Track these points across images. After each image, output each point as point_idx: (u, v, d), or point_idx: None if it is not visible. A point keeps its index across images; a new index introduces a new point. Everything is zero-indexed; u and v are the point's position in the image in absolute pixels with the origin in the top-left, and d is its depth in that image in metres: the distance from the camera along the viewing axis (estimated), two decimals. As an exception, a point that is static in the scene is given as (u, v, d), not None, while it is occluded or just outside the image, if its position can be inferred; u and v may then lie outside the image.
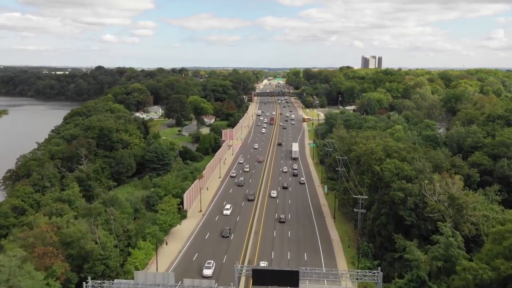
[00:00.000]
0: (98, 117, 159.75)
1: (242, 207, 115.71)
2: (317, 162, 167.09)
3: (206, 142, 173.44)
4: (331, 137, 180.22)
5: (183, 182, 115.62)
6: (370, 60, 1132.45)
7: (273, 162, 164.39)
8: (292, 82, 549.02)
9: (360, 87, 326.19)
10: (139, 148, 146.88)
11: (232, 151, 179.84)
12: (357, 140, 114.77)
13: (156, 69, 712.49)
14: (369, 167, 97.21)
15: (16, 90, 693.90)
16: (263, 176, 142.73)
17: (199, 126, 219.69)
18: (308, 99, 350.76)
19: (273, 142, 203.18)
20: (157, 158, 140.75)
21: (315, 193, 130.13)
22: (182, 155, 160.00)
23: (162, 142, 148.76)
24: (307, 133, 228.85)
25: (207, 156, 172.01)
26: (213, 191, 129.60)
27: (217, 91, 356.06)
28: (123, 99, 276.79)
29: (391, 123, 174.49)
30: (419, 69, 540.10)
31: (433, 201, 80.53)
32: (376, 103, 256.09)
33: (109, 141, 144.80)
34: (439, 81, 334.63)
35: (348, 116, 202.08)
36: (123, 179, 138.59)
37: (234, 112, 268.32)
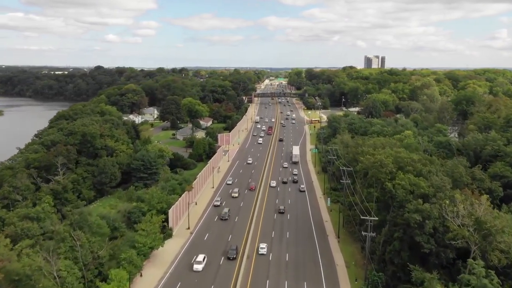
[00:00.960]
0: (82, 121, 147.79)
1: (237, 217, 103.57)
2: (319, 170, 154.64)
3: (199, 147, 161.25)
4: (334, 142, 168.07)
5: (170, 196, 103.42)
6: (373, 60, 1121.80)
7: (269, 177, 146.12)
8: (294, 83, 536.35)
9: (364, 88, 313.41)
10: (126, 156, 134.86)
11: (228, 157, 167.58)
12: (364, 149, 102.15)
13: (156, 69, 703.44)
14: (378, 182, 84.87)
15: (14, 90, 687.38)
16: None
17: (194, 129, 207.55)
18: (310, 100, 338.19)
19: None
20: (144, 167, 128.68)
21: (316, 206, 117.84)
22: (173, 162, 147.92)
23: (151, 149, 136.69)
24: (309, 137, 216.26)
25: (201, 163, 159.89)
26: (204, 204, 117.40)
27: (216, 91, 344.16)
28: (116, 100, 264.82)
29: (399, 127, 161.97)
30: (424, 69, 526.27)
31: (456, 225, 68.21)
32: (382, 105, 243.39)
33: (92, 148, 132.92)
34: (446, 81, 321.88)
35: (353, 120, 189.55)
36: (107, 190, 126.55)
37: (232, 114, 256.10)
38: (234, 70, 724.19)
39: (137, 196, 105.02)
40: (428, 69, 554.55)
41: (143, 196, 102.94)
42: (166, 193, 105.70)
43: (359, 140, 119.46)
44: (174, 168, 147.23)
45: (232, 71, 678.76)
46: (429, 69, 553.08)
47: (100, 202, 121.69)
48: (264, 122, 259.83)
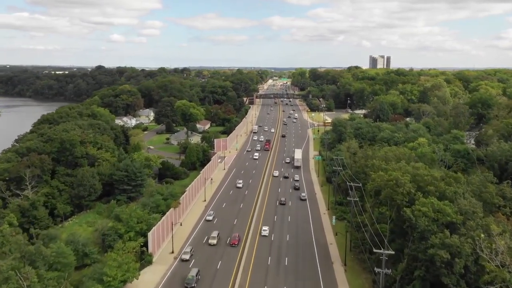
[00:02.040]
0: (64, 126, 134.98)
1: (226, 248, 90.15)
2: (323, 180, 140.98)
3: (192, 154, 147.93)
4: (340, 149, 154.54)
5: (151, 215, 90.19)
6: (378, 60, 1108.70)
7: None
8: (298, 83, 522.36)
9: (371, 89, 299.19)
10: (109, 165, 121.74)
11: (224, 164, 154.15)
12: (375, 162, 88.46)
13: (157, 69, 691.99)
14: (394, 203, 71.32)
15: (15, 90, 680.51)
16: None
17: (190, 134, 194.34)
18: (314, 101, 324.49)
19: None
20: (127, 178, 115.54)
21: (320, 225, 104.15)
22: (162, 172, 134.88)
23: (136, 157, 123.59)
24: (312, 142, 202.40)
25: (194, 171, 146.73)
26: (193, 221, 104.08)
27: (216, 92, 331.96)
28: (110, 102, 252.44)
29: (411, 133, 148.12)
30: (432, 69, 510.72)
31: (494, 265, 54.65)
32: (390, 107, 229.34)
33: (71, 157, 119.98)
34: (457, 82, 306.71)
35: (359, 124, 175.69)
36: (86, 204, 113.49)
37: (232, 117, 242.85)
38: (237, 70, 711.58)
39: (115, 214, 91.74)
40: (436, 69, 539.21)
41: (121, 215, 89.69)
42: (147, 210, 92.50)
43: (368, 150, 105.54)
44: (163, 178, 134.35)
45: (235, 71, 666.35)
46: (436, 69, 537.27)
47: (77, 219, 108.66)
48: (263, 130, 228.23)
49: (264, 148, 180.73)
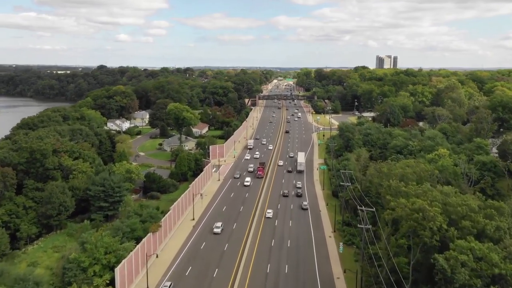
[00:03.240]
0: (39, 133, 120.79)
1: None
2: (329, 193, 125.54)
3: (183, 164, 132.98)
4: (347, 158, 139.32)
5: (122, 245, 75.39)
6: (385, 60, 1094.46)
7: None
8: (303, 83, 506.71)
9: (380, 90, 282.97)
10: (85, 178, 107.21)
11: (218, 175, 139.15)
12: (392, 184, 73.05)
13: (159, 69, 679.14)
14: (419, 240, 56.15)
15: (16, 90, 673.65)
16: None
17: (184, 139, 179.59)
18: (319, 103, 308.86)
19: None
20: (104, 194, 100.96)
21: (324, 252, 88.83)
22: (148, 185, 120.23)
23: (116, 169, 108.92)
24: (317, 148, 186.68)
25: (186, 183, 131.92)
26: (175, 248, 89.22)
27: (217, 93, 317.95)
28: (103, 103, 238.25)
29: (427, 141, 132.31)
30: (442, 69, 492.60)
31: None
32: (400, 111, 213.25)
33: (42, 168, 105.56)
34: (471, 83, 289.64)
35: (369, 129, 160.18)
36: (56, 224, 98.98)
37: (231, 120, 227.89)
38: (241, 70, 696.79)
39: (81, 240, 77.09)
40: (446, 69, 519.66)
41: (86, 243, 74.99)
42: (119, 237, 77.76)
43: (383, 167, 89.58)
44: (149, 191, 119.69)
45: (239, 71, 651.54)
46: (445, 69, 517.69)
47: (44, 242, 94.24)
48: (260, 144, 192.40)
49: (257, 175, 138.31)
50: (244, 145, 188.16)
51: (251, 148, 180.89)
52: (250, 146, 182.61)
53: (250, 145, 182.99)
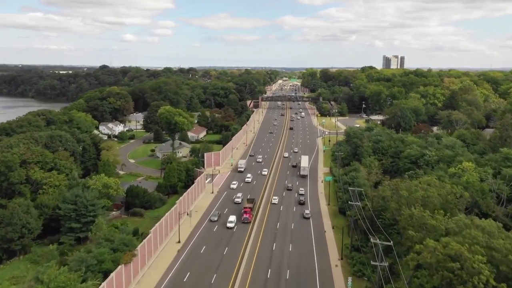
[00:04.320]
0: (9, 141, 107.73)
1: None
2: (335, 210, 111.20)
3: (172, 175, 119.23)
4: (355, 169, 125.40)
5: (84, 284, 61.77)
6: (392, 60, 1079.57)
7: None
8: (308, 84, 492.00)
9: (389, 92, 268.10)
10: (57, 194, 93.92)
11: (212, 187, 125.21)
12: (415, 214, 58.78)
13: (162, 69, 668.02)
14: None
15: (18, 90, 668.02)
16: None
17: (177, 145, 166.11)
18: (325, 105, 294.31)
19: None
20: (76, 213, 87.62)
21: (330, 286, 74.88)
22: (130, 200, 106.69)
23: (92, 184, 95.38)
24: (322, 155, 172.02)
25: (175, 196, 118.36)
26: (155, 279, 75.48)
27: (218, 94, 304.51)
28: (96, 105, 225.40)
29: (445, 150, 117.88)
30: (453, 69, 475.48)
31: None
32: (412, 114, 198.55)
33: (6, 183, 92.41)
34: (485, 84, 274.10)
35: (379, 136, 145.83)
36: (20, 248, 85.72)
37: (231, 123, 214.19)
38: (245, 70, 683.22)
39: (35, 276, 63.66)
40: (453, 69, 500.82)
41: (41, 278, 61.53)
42: (81, 273, 64.15)
43: (401, 186, 74.78)
44: (131, 208, 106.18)
45: (243, 71, 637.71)
46: (455, 69, 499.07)
47: (2, 271, 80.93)
48: (255, 161, 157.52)
49: (242, 219, 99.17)
50: (242, 153, 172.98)
51: (242, 170, 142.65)
52: (240, 168, 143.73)
53: (240, 167, 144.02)
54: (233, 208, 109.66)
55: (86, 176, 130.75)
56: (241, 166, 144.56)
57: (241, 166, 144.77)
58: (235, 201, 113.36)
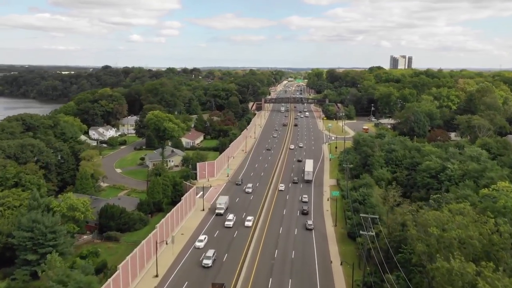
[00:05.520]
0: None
1: None
2: (343, 234, 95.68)
3: (156, 191, 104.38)
4: (365, 182, 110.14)
5: None
6: (399, 60, 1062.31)
7: None
8: (314, 85, 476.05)
9: (399, 94, 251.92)
10: (14, 217, 79.52)
11: (203, 203, 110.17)
12: (455, 267, 43.36)
13: (165, 69, 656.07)
14: None
15: (19, 91, 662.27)
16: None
17: (168, 152, 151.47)
18: (331, 108, 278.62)
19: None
20: (33, 242, 73.14)
21: None
22: (104, 222, 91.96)
23: (56, 205, 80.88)
24: (328, 164, 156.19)
25: (160, 214, 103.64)
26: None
27: (219, 96, 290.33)
28: (87, 108, 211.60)
29: (471, 163, 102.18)
30: (463, 69, 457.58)
31: None
32: (426, 118, 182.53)
33: (-47, 205, 78.15)
34: (502, 85, 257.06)
35: (392, 144, 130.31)
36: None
37: (230, 128, 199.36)
38: (249, 70, 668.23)
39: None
40: (460, 69, 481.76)
41: None
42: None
43: (430, 223, 58.72)
44: (105, 231, 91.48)
45: (247, 71, 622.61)
46: (465, 69, 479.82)
47: None
48: (245, 192, 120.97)
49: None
50: (240, 162, 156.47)
51: (221, 213, 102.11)
52: (219, 209, 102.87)
53: (219, 207, 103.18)
54: (223, 232, 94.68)
55: (63, 189, 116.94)
56: (220, 207, 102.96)
57: (220, 206, 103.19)
58: (226, 224, 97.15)
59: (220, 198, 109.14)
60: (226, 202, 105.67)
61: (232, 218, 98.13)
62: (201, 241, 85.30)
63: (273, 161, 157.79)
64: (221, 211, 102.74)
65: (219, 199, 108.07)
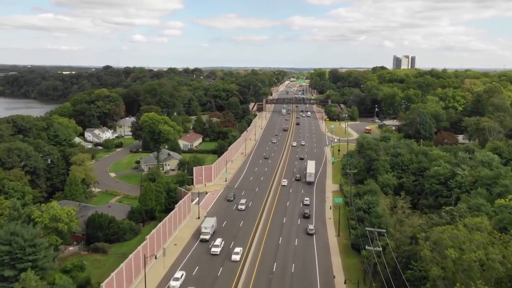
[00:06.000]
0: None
1: None
2: (347, 245, 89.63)
3: (149, 198, 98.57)
4: (370, 189, 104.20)
5: None
6: (402, 60, 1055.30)
7: None
8: (316, 85, 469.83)
9: (404, 94, 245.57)
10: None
11: (199, 210, 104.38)
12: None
13: (166, 69, 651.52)
14: None
15: (20, 91, 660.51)
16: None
17: (164, 156, 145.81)
18: (334, 109, 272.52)
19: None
20: (10, 257, 67.51)
21: None
22: (91, 233, 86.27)
23: (37, 216, 75.22)
24: (330, 168, 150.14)
25: (153, 223, 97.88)
26: None
27: (220, 97, 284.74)
28: (83, 109, 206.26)
29: (484, 169, 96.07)
30: (469, 69, 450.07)
31: None
32: (432, 120, 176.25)
33: None
34: (510, 86, 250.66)
35: (398, 148, 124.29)
36: None
37: (229, 130, 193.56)
38: (251, 70, 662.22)
39: None
40: (463, 69, 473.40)
41: None
42: None
43: (446, 243, 52.70)
44: (92, 242, 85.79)
45: (249, 71, 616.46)
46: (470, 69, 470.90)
47: None
48: (237, 210, 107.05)
49: None
50: (239, 166, 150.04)
51: (207, 238, 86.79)
52: (204, 235, 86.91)
53: (204, 233, 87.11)
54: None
55: (53, 195, 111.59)
56: (206, 232, 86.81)
57: (205, 230, 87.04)
58: (212, 252, 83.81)
59: (206, 220, 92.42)
60: (213, 226, 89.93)
61: (219, 243, 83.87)
62: (177, 279, 71.09)
63: (273, 165, 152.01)
64: (207, 237, 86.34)
65: (205, 221, 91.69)
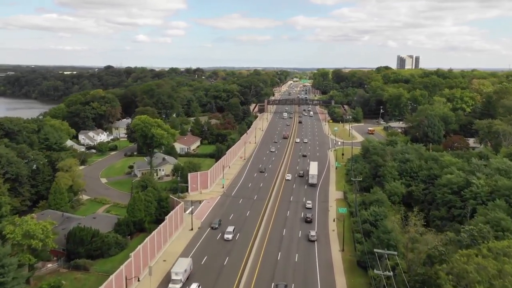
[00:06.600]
0: None
1: None
2: (351, 261, 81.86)
3: (138, 208, 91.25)
4: (377, 198, 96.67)
5: None
6: (406, 60, 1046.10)
7: None
8: (319, 85, 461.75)
9: (410, 95, 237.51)
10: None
11: (192, 220, 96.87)
12: None
13: (167, 70, 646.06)
14: None
15: (21, 91, 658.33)
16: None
17: (159, 160, 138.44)
18: (337, 110, 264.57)
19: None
20: (-24, 279, 60.31)
21: None
22: (72, 249, 78.96)
23: (10, 232, 67.81)
24: (333, 174, 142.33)
25: (141, 235, 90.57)
26: None
27: (220, 97, 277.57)
28: (77, 110, 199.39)
29: (501, 178, 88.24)
30: (476, 70, 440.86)
31: None
32: (441, 123, 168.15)
33: None
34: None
35: (407, 154, 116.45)
36: None
37: (229, 132, 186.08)
38: (254, 70, 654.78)
39: None
40: (468, 69, 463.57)
41: None
42: None
43: (471, 273, 45.28)
44: (73, 259, 78.48)
45: (252, 71, 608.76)
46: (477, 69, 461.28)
47: None
48: (224, 239, 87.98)
49: None
50: (238, 171, 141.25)
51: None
52: (175, 282, 68.52)
53: (175, 280, 68.76)
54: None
55: (36, 204, 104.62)
56: (177, 278, 68.85)
57: (176, 277, 69.10)
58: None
59: (179, 262, 73.47)
60: (186, 270, 71.16)
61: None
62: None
63: (274, 168, 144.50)
64: (178, 285, 68.14)
65: (177, 263, 72.82)
